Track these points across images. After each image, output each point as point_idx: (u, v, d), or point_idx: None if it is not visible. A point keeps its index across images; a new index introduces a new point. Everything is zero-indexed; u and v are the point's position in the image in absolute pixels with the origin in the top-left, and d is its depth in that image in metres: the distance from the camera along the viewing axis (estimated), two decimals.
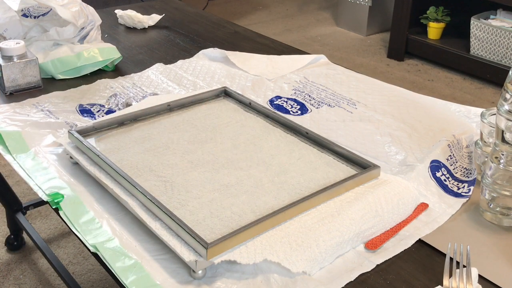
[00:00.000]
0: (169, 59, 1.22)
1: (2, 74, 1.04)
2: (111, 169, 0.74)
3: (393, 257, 0.67)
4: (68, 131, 0.83)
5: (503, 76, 0.71)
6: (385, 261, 0.67)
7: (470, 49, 2.78)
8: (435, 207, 0.76)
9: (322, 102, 1.03)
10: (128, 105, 0.99)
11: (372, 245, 0.69)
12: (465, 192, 0.79)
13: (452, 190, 0.79)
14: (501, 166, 0.71)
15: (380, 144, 0.89)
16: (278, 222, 0.67)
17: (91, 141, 0.84)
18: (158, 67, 1.18)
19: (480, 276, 0.64)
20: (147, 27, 1.43)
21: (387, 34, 3.19)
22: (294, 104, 1.03)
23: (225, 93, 1.00)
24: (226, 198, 0.72)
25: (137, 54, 1.27)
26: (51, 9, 1.19)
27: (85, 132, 0.84)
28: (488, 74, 2.72)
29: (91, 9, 1.24)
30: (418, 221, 0.73)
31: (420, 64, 3.02)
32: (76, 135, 0.81)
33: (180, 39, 1.35)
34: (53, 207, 0.75)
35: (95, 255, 0.67)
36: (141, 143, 0.84)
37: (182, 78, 1.13)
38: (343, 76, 1.14)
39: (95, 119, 0.95)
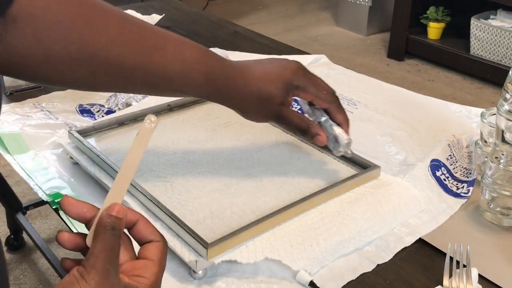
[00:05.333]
0: None
1: None
2: (111, 169, 0.74)
3: (393, 257, 0.67)
4: (68, 131, 0.83)
5: (503, 76, 0.71)
6: (385, 261, 0.67)
7: (470, 49, 2.78)
8: (435, 207, 0.76)
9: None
10: (128, 105, 0.99)
11: None
12: (464, 193, 0.79)
13: (452, 190, 0.79)
14: (501, 166, 0.71)
15: (381, 144, 0.89)
16: (278, 222, 0.67)
17: (91, 141, 0.84)
18: None
19: (480, 276, 0.64)
20: None
21: (387, 34, 3.19)
22: (294, 104, 1.03)
23: None
24: (226, 198, 0.72)
25: None
26: None
27: (85, 132, 0.84)
28: (488, 74, 2.72)
29: None
30: (418, 220, 0.73)
31: (420, 64, 3.02)
32: (76, 135, 0.81)
33: None
34: (53, 207, 0.75)
35: None
36: None
37: None
38: (343, 76, 1.14)
39: (95, 119, 0.95)
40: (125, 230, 0.49)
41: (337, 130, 0.71)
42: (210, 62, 0.67)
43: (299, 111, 0.74)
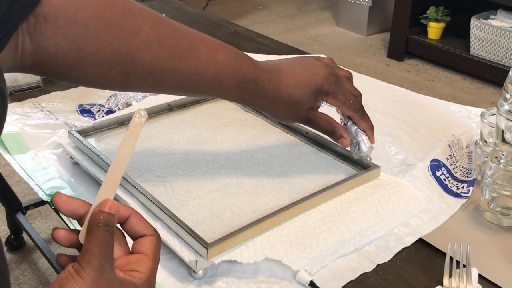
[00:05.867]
0: None
1: None
2: None
3: (393, 257, 0.67)
4: (68, 131, 0.83)
5: (503, 76, 0.71)
6: (385, 261, 0.67)
7: (470, 49, 2.78)
8: (435, 207, 0.76)
9: (322, 102, 1.03)
10: (128, 105, 0.99)
11: None
12: (464, 193, 0.79)
13: (452, 190, 0.79)
14: (501, 166, 0.71)
15: (381, 144, 0.89)
16: (278, 222, 0.67)
17: (91, 141, 0.84)
18: None
19: (480, 276, 0.64)
20: None
21: (387, 34, 3.19)
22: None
23: None
24: (226, 198, 0.72)
25: None
26: None
27: (85, 132, 0.84)
28: (488, 74, 2.72)
29: None
30: (418, 220, 0.73)
31: (420, 64, 3.02)
32: (76, 135, 0.81)
33: None
34: (53, 207, 0.75)
35: None
36: (141, 143, 0.84)
37: None
38: None
39: (95, 119, 0.95)
40: (118, 226, 0.49)
41: (361, 137, 0.75)
42: (243, 66, 0.67)
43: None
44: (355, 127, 0.75)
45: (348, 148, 0.76)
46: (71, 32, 0.57)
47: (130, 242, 0.50)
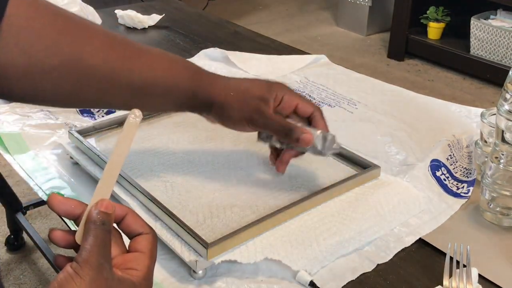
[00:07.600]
0: None
1: None
2: None
3: (393, 257, 0.67)
4: (68, 131, 0.83)
5: (503, 76, 0.72)
6: (385, 261, 0.67)
7: (470, 49, 2.78)
8: (435, 207, 0.76)
9: (322, 102, 1.03)
10: None
11: None
12: (464, 193, 0.79)
13: (452, 190, 0.79)
14: (501, 166, 0.71)
15: (381, 144, 0.89)
16: (278, 222, 0.67)
17: (91, 141, 0.84)
18: None
19: (480, 276, 0.64)
20: (147, 27, 1.43)
21: (387, 34, 3.19)
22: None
23: None
24: (226, 198, 0.72)
25: None
26: None
27: (85, 132, 0.84)
28: (488, 74, 2.72)
29: (91, 9, 1.24)
30: (418, 220, 0.73)
31: (420, 64, 3.02)
32: (76, 135, 0.81)
33: (180, 39, 1.34)
34: None
35: None
36: (141, 143, 0.84)
37: None
38: (344, 76, 1.14)
39: (95, 119, 0.95)
40: (114, 225, 0.49)
41: (319, 130, 0.69)
42: (193, 64, 0.71)
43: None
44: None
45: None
46: (21, 40, 0.57)
47: (126, 241, 0.50)
